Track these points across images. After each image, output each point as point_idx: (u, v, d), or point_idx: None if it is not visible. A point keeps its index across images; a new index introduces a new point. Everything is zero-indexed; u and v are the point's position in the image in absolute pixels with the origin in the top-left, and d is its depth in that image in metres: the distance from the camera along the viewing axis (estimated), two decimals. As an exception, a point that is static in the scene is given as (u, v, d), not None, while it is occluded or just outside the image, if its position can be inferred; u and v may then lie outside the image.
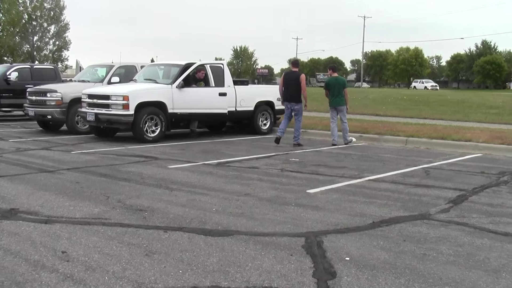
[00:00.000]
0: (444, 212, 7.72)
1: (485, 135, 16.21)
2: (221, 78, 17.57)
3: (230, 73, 18.45)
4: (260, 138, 17.72)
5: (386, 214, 7.52)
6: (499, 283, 5.02)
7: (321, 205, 7.99)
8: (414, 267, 5.36)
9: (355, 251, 5.81)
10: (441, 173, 11.07)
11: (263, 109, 18.97)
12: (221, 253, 5.66)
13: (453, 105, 31.49)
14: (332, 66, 17.56)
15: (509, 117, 24.51)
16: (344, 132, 16.29)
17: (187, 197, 8.36)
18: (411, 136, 16.63)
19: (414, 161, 12.72)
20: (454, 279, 5.07)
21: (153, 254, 5.58)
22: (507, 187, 9.71)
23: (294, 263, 5.39)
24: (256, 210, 7.58)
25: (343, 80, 16.84)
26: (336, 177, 10.29)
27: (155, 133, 15.78)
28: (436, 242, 6.23)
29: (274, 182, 9.69)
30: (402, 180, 10.17)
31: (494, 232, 6.72)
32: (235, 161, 12.21)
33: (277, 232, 6.52)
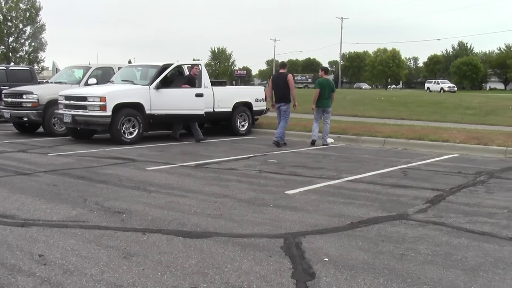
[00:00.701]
0: (422, 212, 7.76)
1: (462, 136, 16.34)
2: (199, 79, 17.53)
3: (208, 74, 18.42)
4: (239, 139, 17.71)
5: (364, 214, 7.54)
6: (476, 281, 5.06)
7: (300, 206, 8.00)
8: (392, 267, 5.38)
9: (334, 252, 5.82)
10: (418, 174, 11.13)
11: (241, 110, 18.96)
12: (200, 255, 5.64)
13: (431, 106, 31.68)
14: (324, 68, 18.07)
15: (486, 117, 24.74)
16: (325, 133, 16.42)
17: (166, 199, 8.33)
18: (389, 136, 16.72)
19: (392, 161, 12.78)
20: (432, 279, 5.10)
21: (132, 257, 5.55)
22: (484, 187, 9.79)
23: (273, 264, 5.39)
24: (234, 212, 7.58)
25: (333, 84, 17.02)
26: (315, 178, 10.31)
27: (133, 135, 15.71)
28: (414, 242, 6.26)
29: (252, 184, 9.69)
30: (380, 181, 10.22)
31: (471, 232, 6.77)
32: (214, 162, 12.19)
33: (256, 233, 6.52)
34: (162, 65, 16.90)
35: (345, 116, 24.83)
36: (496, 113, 26.80)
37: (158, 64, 17.17)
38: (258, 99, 19.78)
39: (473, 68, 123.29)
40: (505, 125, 21.45)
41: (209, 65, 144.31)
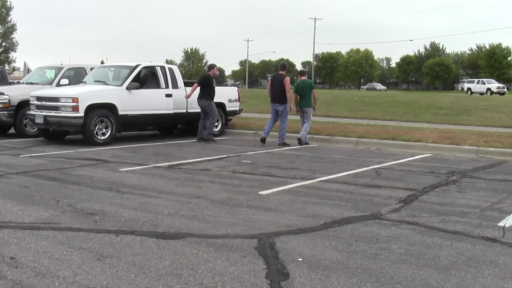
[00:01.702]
0: (395, 211, 7.81)
1: (434, 136, 16.48)
2: (174, 80, 17.49)
3: (181, 75, 18.37)
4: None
5: (338, 214, 7.57)
6: (449, 280, 5.09)
7: (273, 206, 8.00)
8: (366, 267, 5.40)
9: (307, 252, 5.82)
10: (391, 173, 11.20)
11: (214, 111, 18.90)
12: (174, 256, 5.62)
13: (403, 106, 31.90)
14: (300, 71, 18.55)
15: (458, 117, 24.98)
16: (304, 131, 16.62)
17: (139, 200, 8.28)
18: (362, 137, 16.81)
19: (365, 161, 12.84)
20: (405, 278, 5.13)
21: (105, 258, 5.51)
22: (456, 186, 9.87)
23: (247, 265, 5.39)
24: (208, 213, 7.56)
25: (310, 82, 17.35)
26: (288, 178, 10.33)
27: (106, 136, 15.61)
28: (388, 242, 6.29)
29: (226, 184, 9.68)
30: (353, 181, 10.26)
31: (444, 231, 6.82)
32: (187, 163, 12.16)
33: (230, 234, 6.51)
34: (134, 66, 16.83)
35: (318, 117, 24.83)
36: (468, 113, 27.07)
37: (130, 64, 17.09)
38: (231, 99, 19.78)
39: (445, 68, 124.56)
40: (477, 125, 21.68)
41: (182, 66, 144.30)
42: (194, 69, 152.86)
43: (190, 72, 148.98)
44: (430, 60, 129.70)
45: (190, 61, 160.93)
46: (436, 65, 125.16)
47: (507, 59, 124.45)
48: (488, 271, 5.36)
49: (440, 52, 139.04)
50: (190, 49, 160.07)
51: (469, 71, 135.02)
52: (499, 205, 8.33)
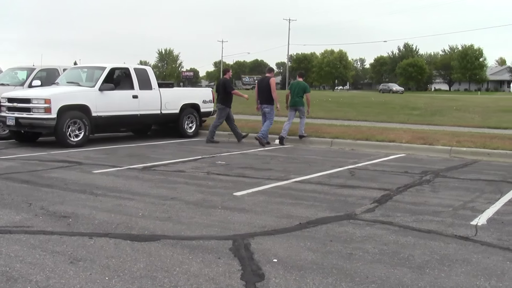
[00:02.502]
0: (369, 211, 7.84)
1: (408, 136, 16.59)
2: (147, 81, 17.42)
3: (155, 76, 18.31)
4: (186, 141, 17.65)
5: (312, 215, 7.58)
6: (423, 279, 5.13)
7: (248, 207, 8.00)
8: (341, 267, 5.41)
9: (282, 253, 5.82)
10: (366, 174, 11.25)
11: (188, 112, 18.87)
12: (148, 258, 5.59)
13: (377, 107, 32.13)
14: (300, 73, 19.05)
15: (431, 118, 25.19)
16: (301, 126, 17.35)
17: (113, 202, 8.23)
18: (336, 137, 16.87)
19: (340, 162, 12.89)
20: (380, 277, 5.15)
21: (78, 262, 5.45)
22: (430, 186, 9.94)
23: (222, 266, 5.37)
24: (183, 214, 7.53)
25: (304, 84, 17.84)
26: (263, 179, 10.33)
27: (79, 137, 15.49)
28: (362, 242, 6.32)
29: (200, 186, 9.65)
30: (328, 181, 10.29)
31: (418, 230, 6.86)
32: (161, 165, 12.11)
33: (205, 235, 6.49)
34: (108, 67, 16.72)
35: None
36: (441, 113, 27.31)
37: (104, 65, 16.98)
38: (205, 100, 19.74)
39: (418, 69, 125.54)
40: (450, 125, 21.88)
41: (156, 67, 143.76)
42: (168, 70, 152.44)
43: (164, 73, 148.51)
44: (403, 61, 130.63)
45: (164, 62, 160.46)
46: (410, 66, 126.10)
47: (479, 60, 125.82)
48: (461, 269, 5.40)
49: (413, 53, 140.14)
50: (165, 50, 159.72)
51: (442, 71, 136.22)
52: (472, 204, 8.40)
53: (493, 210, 8.00)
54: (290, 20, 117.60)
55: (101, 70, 16.73)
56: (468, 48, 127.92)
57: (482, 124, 21.92)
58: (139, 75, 17.36)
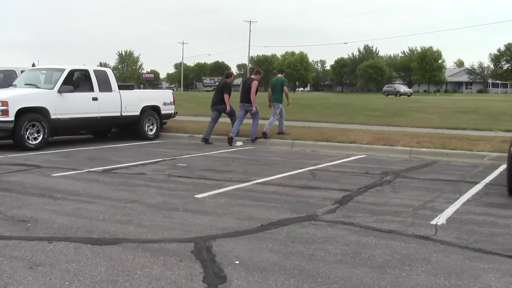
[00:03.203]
0: (330, 212, 7.88)
1: (368, 137, 16.72)
2: (107, 82, 17.28)
3: (115, 78, 18.17)
4: (147, 143, 17.53)
5: (274, 216, 7.59)
6: (384, 278, 5.17)
7: (210, 209, 7.98)
8: (303, 268, 5.43)
9: (244, 255, 5.82)
10: (327, 175, 11.30)
11: (149, 114, 18.75)
12: (109, 262, 5.53)
13: (338, 108, 32.30)
14: (279, 69, 20.43)
15: (391, 119, 25.42)
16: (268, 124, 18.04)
17: (73, 206, 8.13)
18: (297, 139, 16.92)
19: (301, 163, 12.93)
20: (342, 277, 5.18)
21: (37, 267, 5.38)
22: (390, 187, 10.03)
23: (184, 269, 5.35)
24: (144, 217, 7.48)
25: (282, 79, 18.66)
26: (224, 181, 10.31)
27: (37, 140, 15.27)
28: (324, 242, 6.34)
29: (161, 188, 9.60)
30: (289, 183, 10.31)
31: (379, 230, 6.92)
32: (122, 167, 12.02)
33: (166, 238, 6.45)
34: (67, 69, 16.54)
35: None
36: (400, 114, 27.56)
37: (63, 67, 16.78)
38: (166, 102, 19.64)
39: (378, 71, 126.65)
40: (410, 126, 22.10)
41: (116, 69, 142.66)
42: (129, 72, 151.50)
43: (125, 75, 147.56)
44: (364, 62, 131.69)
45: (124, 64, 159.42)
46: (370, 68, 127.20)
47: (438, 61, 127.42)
48: (421, 268, 5.46)
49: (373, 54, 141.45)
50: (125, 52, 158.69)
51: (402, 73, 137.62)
52: (432, 204, 8.50)
53: (452, 210, 8.10)
54: (251, 22, 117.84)
55: (60, 72, 16.53)
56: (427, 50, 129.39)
57: (441, 125, 22.18)
58: (99, 77, 17.20)
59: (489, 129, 20.44)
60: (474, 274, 5.33)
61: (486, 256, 5.92)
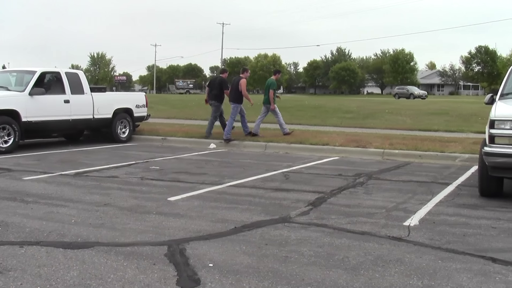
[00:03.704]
0: (304, 214, 7.89)
1: (341, 139, 16.80)
2: (79, 85, 17.15)
3: (87, 80, 18.04)
4: (120, 146, 17.43)
5: (247, 219, 7.58)
6: (358, 280, 5.18)
7: (183, 212, 7.95)
8: (277, 270, 5.43)
9: (218, 257, 5.81)
10: (300, 177, 11.32)
11: (121, 117, 18.63)
12: (82, 266, 5.49)
13: (311, 110, 32.34)
14: (274, 70, 20.44)
15: (364, 121, 25.51)
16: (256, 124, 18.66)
17: (44, 209, 8.06)
18: (270, 141, 16.94)
19: (274, 165, 12.94)
20: (315, 279, 5.18)
21: (8, 272, 5.31)
22: (363, 188, 10.08)
23: (157, 272, 5.32)
24: (116, 220, 7.43)
25: (269, 82, 19.06)
26: (197, 184, 10.28)
27: (8, 144, 15.09)
28: (297, 244, 6.35)
29: (134, 191, 9.55)
30: (262, 185, 10.31)
31: (352, 232, 6.94)
32: (94, 170, 11.93)
33: (139, 241, 6.42)
34: (38, 71, 16.39)
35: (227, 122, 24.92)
36: (373, 116, 27.67)
37: (34, 69, 16.63)
38: (139, 105, 19.53)
39: (351, 73, 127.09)
40: (382, 127, 22.20)
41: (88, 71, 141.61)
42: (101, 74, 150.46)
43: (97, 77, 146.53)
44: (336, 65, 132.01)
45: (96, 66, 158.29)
46: (342, 70, 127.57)
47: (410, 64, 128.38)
48: (395, 269, 5.49)
49: (346, 57, 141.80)
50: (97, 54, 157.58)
51: (374, 75, 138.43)
52: (404, 205, 8.55)
53: (425, 211, 8.16)
54: (223, 24, 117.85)
55: (31, 74, 16.37)
56: (399, 52, 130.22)
57: (413, 126, 22.32)
58: (70, 79, 17.05)
59: (460, 130, 20.62)
60: (446, 274, 5.38)
61: (458, 256, 5.98)
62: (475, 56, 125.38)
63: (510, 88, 10.35)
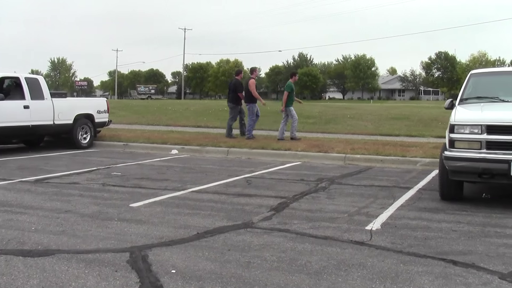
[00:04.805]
0: (266, 220, 7.89)
1: (303, 144, 16.86)
2: (39, 90, 16.95)
3: (47, 86, 17.83)
4: (81, 152, 17.25)
5: (210, 224, 7.56)
6: (320, 284, 5.20)
7: (145, 218, 7.90)
8: (239, 275, 5.42)
9: (181, 263, 5.78)
10: (262, 182, 11.33)
11: (83, 123, 18.44)
12: (42, 274, 5.41)
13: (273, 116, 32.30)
14: (291, 72, 21.02)
15: (325, 126, 25.63)
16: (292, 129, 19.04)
17: (3, 217, 7.93)
18: (232, 146, 16.92)
19: (236, 171, 12.93)
20: (278, 284, 5.19)
21: (-34, 280, 5.22)
22: (325, 193, 10.12)
23: (120, 279, 5.27)
24: (78, 227, 7.35)
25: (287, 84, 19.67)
26: (159, 190, 10.23)
27: (-33, 150, 14.88)
28: (260, 250, 6.35)
29: (96, 198, 9.46)
30: (225, 191, 10.29)
31: (315, 237, 6.96)
32: (55, 177, 11.79)
33: (101, 248, 6.35)
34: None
35: (188, 127, 24.91)
36: (335, 121, 27.82)
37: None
38: (100, 110, 19.35)
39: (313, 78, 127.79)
40: (344, 132, 22.34)
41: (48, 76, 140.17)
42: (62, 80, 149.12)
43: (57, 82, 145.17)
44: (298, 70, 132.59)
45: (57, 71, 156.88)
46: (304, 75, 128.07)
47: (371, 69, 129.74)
48: (357, 274, 5.51)
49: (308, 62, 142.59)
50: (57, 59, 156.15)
51: (336, 80, 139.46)
52: (366, 210, 8.61)
53: (386, 215, 8.22)
54: (185, 29, 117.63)
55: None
56: (360, 57, 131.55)
57: (375, 131, 22.51)
58: (30, 85, 16.83)
59: (421, 135, 20.85)
60: (408, 277, 5.42)
61: (420, 259, 6.03)
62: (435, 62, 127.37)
63: (470, 93, 10.52)
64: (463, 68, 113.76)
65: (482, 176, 8.79)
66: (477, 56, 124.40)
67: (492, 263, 5.93)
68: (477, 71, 11.80)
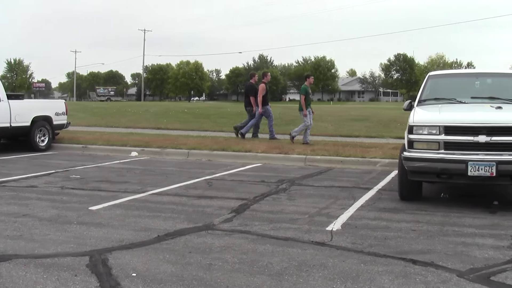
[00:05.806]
0: (227, 221, 7.88)
1: (263, 146, 16.87)
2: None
3: (3, 87, 17.54)
4: (39, 155, 17.02)
5: (170, 227, 7.52)
6: (282, 285, 5.20)
7: (105, 221, 7.82)
8: (201, 278, 5.39)
9: (141, 266, 5.73)
10: (223, 184, 11.31)
11: (40, 125, 18.17)
12: (-1, 279, 5.32)
13: (233, 117, 32.37)
14: (306, 74, 21.28)
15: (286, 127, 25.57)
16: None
17: (-41, 221, 7.79)
18: (193, 148, 16.86)
19: (197, 173, 12.89)
20: (240, 286, 5.18)
21: None
22: (286, 194, 10.14)
23: (79, 283, 5.20)
24: (36, 231, 7.24)
25: (301, 87, 19.31)
26: (119, 193, 10.14)
27: None
28: (221, 252, 6.33)
29: (54, 201, 9.33)
30: (185, 193, 10.25)
31: (276, 238, 6.97)
32: (11, 180, 11.60)
33: (60, 252, 6.27)
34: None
35: (148, 129, 24.75)
36: (295, 123, 27.78)
37: None
38: (58, 112, 19.10)
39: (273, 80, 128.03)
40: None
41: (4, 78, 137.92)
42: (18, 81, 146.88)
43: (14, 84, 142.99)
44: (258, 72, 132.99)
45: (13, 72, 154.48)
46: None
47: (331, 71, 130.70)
48: (318, 274, 5.53)
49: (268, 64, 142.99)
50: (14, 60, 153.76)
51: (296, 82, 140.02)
52: (327, 210, 8.65)
53: (347, 216, 8.27)
54: (145, 31, 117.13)
55: None
56: (320, 59, 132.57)
57: (335, 132, 22.66)
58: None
59: (381, 136, 21.05)
60: (369, 277, 5.45)
61: (380, 259, 6.07)
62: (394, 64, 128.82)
63: (428, 95, 10.65)
64: (421, 70, 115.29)
65: (440, 176, 8.91)
66: (435, 58, 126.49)
67: (451, 261, 6.01)
68: (435, 73, 11.97)
